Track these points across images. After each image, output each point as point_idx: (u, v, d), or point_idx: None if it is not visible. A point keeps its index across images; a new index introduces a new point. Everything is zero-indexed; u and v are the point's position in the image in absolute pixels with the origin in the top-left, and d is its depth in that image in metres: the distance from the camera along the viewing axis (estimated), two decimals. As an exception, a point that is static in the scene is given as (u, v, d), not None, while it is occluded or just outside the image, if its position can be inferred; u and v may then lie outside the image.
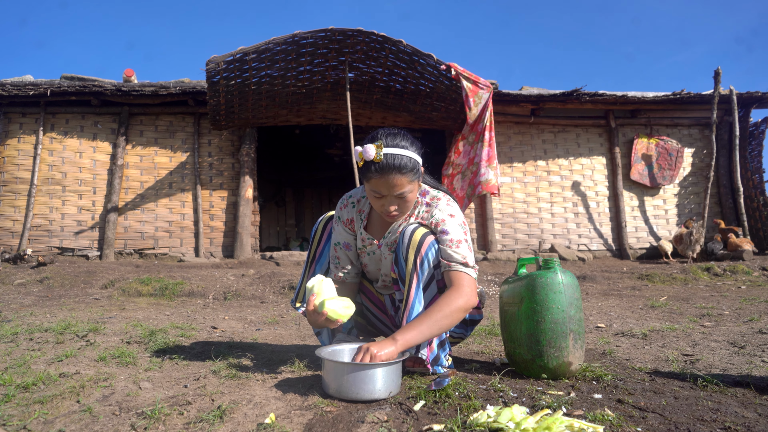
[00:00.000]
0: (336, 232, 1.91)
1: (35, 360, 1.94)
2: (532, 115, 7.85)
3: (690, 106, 8.12)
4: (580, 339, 1.66)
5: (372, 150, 1.58)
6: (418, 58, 5.88)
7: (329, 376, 1.47)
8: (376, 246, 1.86)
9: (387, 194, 1.63)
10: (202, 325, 3.01)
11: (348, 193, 1.95)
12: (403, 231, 1.74)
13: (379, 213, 1.74)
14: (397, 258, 1.72)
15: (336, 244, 1.90)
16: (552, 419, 1.19)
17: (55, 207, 6.79)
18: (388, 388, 1.44)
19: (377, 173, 1.59)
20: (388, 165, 1.58)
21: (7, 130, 6.88)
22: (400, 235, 1.73)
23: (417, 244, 1.67)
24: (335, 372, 1.46)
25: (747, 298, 3.94)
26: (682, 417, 1.31)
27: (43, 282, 4.80)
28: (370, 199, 1.70)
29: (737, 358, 2.03)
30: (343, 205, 1.90)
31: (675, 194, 8.20)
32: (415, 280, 1.66)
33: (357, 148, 1.62)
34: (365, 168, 1.62)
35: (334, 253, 1.91)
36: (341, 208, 1.90)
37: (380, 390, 1.42)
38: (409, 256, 1.67)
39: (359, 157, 1.61)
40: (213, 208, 7.13)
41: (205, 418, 1.31)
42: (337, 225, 1.90)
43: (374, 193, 1.65)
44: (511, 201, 7.78)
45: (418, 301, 1.66)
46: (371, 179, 1.62)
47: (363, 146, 1.61)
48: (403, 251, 1.69)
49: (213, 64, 5.47)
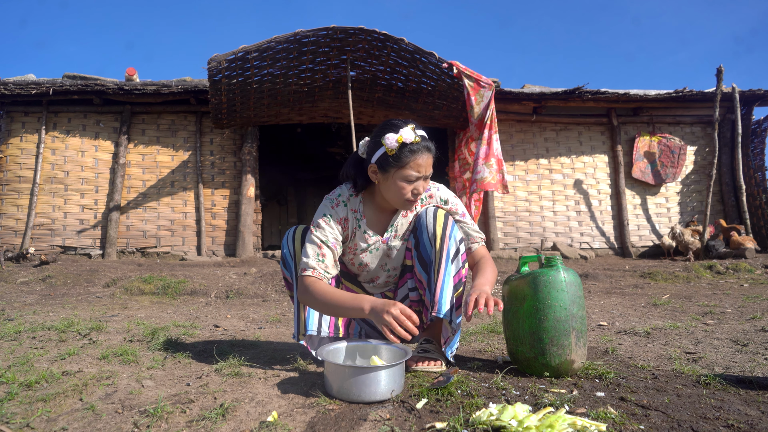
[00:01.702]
0: (323, 231, 1.78)
1: (38, 358, 1.95)
2: (534, 114, 7.84)
3: (692, 104, 8.10)
4: (582, 337, 1.66)
5: (410, 132, 1.68)
6: (419, 57, 5.87)
7: (332, 377, 1.47)
8: (381, 242, 1.87)
9: (420, 175, 1.71)
10: (204, 324, 3.02)
11: (331, 193, 1.87)
12: (420, 215, 1.82)
13: (399, 203, 1.77)
14: (419, 241, 1.79)
15: (323, 243, 1.76)
16: (555, 417, 1.18)
17: (58, 206, 6.80)
18: (390, 388, 1.44)
19: (417, 154, 1.68)
20: (425, 146, 1.70)
21: (9, 129, 6.90)
22: (418, 219, 1.81)
23: (443, 223, 1.77)
24: (338, 374, 1.46)
25: (749, 296, 3.93)
26: (684, 415, 1.31)
27: (45, 280, 4.81)
28: (397, 187, 1.72)
29: (740, 356, 2.02)
30: (335, 204, 1.84)
31: (677, 192, 8.18)
32: (444, 255, 1.75)
33: (390, 135, 1.67)
34: (401, 152, 1.68)
35: (318, 251, 1.76)
36: (334, 206, 1.83)
37: (383, 391, 1.42)
38: (437, 233, 1.76)
39: (397, 141, 1.66)
40: (215, 206, 7.13)
41: (208, 416, 1.31)
42: (327, 225, 1.79)
43: (409, 177, 1.70)
44: (513, 199, 7.77)
45: (448, 273, 1.74)
46: (409, 162, 1.68)
47: (397, 132, 1.68)
48: (429, 232, 1.77)
49: (215, 62, 5.47)
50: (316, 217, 1.82)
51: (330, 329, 1.89)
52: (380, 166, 1.72)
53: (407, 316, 1.50)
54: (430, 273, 1.76)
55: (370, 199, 1.88)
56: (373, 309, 1.55)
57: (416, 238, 1.81)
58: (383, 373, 1.42)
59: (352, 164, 1.87)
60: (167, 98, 7.01)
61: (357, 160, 1.87)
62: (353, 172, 1.86)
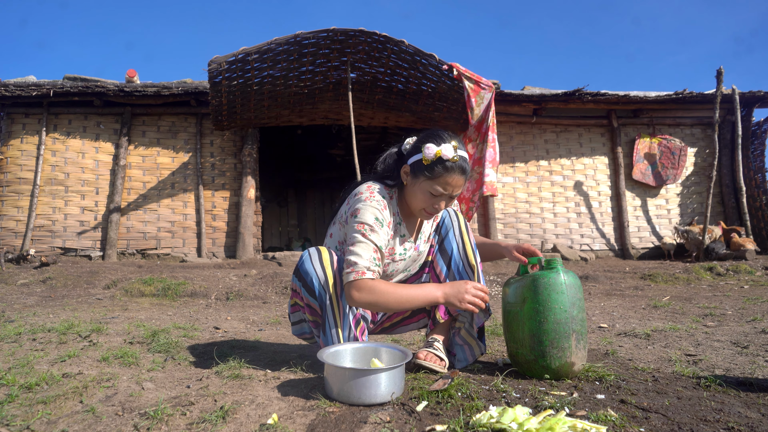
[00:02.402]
0: (378, 236, 1.68)
1: (38, 360, 1.95)
2: (534, 115, 7.84)
3: (692, 105, 8.10)
4: (582, 339, 1.66)
5: (450, 150, 1.67)
6: (420, 59, 5.88)
7: (332, 379, 1.47)
8: (414, 249, 1.89)
9: (446, 193, 1.72)
10: (204, 326, 3.02)
11: (371, 193, 1.75)
12: (444, 216, 1.94)
13: (417, 210, 1.78)
14: (445, 239, 1.90)
15: (378, 247, 1.68)
16: (555, 420, 1.18)
17: (58, 207, 6.80)
18: (390, 391, 1.44)
19: (448, 172, 1.68)
20: (460, 166, 1.70)
21: (10, 130, 6.90)
22: (443, 220, 1.94)
23: (465, 221, 1.93)
24: (338, 376, 1.45)
25: (750, 298, 3.93)
26: (685, 417, 1.31)
27: (46, 282, 4.81)
28: (421, 196, 1.73)
29: (740, 358, 2.02)
30: (383, 206, 1.73)
31: (677, 194, 8.19)
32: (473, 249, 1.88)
33: (431, 146, 1.68)
34: (435, 165, 1.68)
35: (374, 255, 1.67)
36: (383, 209, 1.72)
37: (383, 394, 1.42)
38: (463, 230, 1.90)
39: (434, 154, 1.67)
40: (215, 208, 7.14)
41: (208, 418, 1.31)
42: (380, 229, 1.69)
43: (434, 191, 1.70)
44: (514, 201, 7.77)
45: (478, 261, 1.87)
46: (439, 177, 1.69)
47: (439, 144, 1.68)
48: (456, 230, 1.90)
49: (215, 64, 5.48)
50: (366, 219, 1.68)
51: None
52: (413, 170, 1.74)
53: (480, 290, 1.67)
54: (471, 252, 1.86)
55: (402, 204, 1.85)
56: (448, 295, 1.65)
57: (440, 235, 1.91)
58: (383, 376, 1.42)
59: (394, 157, 1.88)
60: (168, 100, 7.01)
61: (398, 154, 1.86)
62: (392, 165, 1.85)
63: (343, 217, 1.79)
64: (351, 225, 1.71)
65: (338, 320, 1.72)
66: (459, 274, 1.85)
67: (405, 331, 2.06)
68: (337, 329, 1.72)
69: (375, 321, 2.00)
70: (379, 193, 1.76)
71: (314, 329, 1.79)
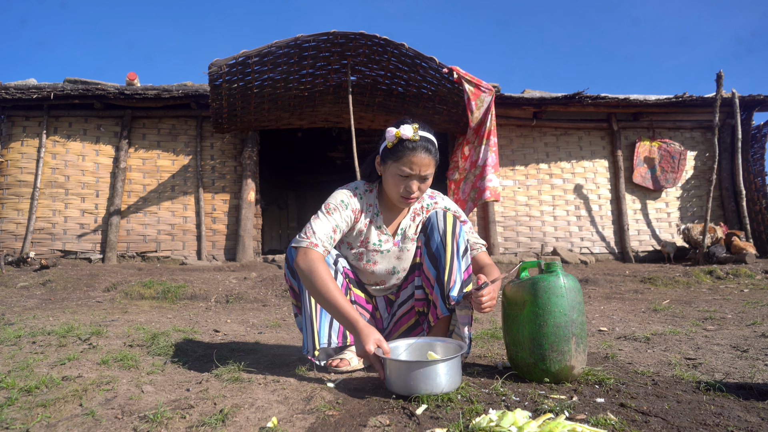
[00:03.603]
0: (339, 215, 1.81)
1: (38, 363, 1.95)
2: (534, 118, 7.85)
3: (692, 109, 8.11)
4: (582, 343, 1.66)
5: (410, 129, 1.74)
6: (420, 62, 5.89)
7: (393, 374, 1.52)
8: (392, 244, 1.92)
9: (414, 173, 1.76)
10: (204, 329, 3.02)
11: (347, 186, 1.92)
12: (430, 216, 1.90)
13: (395, 198, 1.82)
14: (429, 238, 1.87)
15: (336, 227, 1.80)
16: (554, 423, 1.18)
17: (58, 210, 6.81)
18: (448, 381, 1.49)
19: (412, 151, 1.74)
20: (422, 144, 1.75)
21: (10, 133, 6.91)
22: (428, 220, 1.90)
23: (452, 223, 1.86)
24: (400, 370, 1.50)
25: (750, 302, 3.93)
26: (684, 421, 1.31)
27: (45, 285, 4.81)
28: (392, 181, 1.79)
29: (740, 362, 2.02)
30: (352, 194, 1.88)
31: (677, 197, 8.19)
32: (455, 250, 1.84)
33: (391, 129, 1.77)
34: (398, 146, 1.75)
35: (331, 233, 1.78)
36: (351, 196, 1.87)
37: (442, 384, 1.47)
38: (447, 231, 1.85)
39: (395, 136, 1.75)
40: (215, 211, 7.14)
41: (208, 421, 1.31)
42: (343, 210, 1.82)
43: (401, 172, 1.76)
44: (514, 204, 7.78)
45: (459, 268, 1.83)
46: (403, 157, 1.74)
47: (398, 126, 1.76)
48: (439, 230, 1.85)
49: (215, 67, 5.49)
50: (332, 201, 1.84)
51: (339, 339, 1.84)
52: (382, 157, 1.83)
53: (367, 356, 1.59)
54: (440, 268, 1.82)
55: (382, 197, 1.94)
56: (356, 340, 1.63)
57: (426, 236, 1.89)
58: (441, 367, 1.47)
59: (371, 159, 1.95)
60: (168, 103, 7.02)
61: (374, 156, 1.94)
62: (370, 162, 1.94)
63: None
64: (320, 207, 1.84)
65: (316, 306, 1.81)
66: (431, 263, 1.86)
67: None
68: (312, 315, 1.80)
69: (379, 329, 2.01)
70: (354, 185, 1.92)
71: (296, 314, 1.92)
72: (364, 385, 1.64)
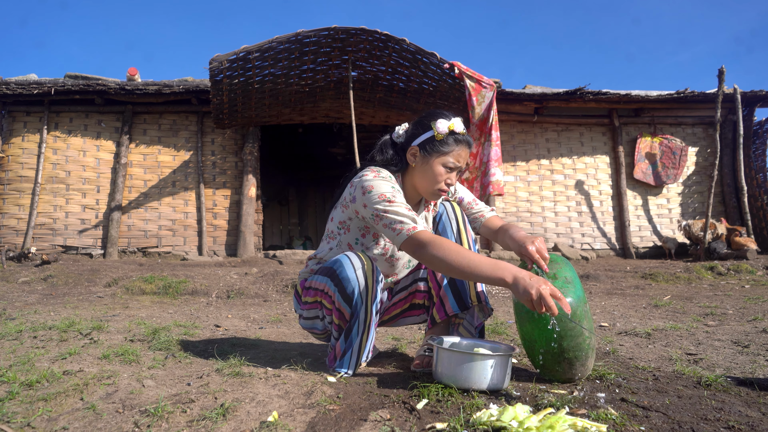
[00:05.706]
0: (400, 196, 1.69)
1: (39, 358, 1.95)
2: (535, 114, 7.84)
3: (694, 104, 8.09)
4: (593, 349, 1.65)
5: (460, 124, 1.78)
6: (421, 57, 5.88)
7: (444, 363, 1.53)
8: None
9: (459, 166, 1.78)
10: (205, 324, 3.02)
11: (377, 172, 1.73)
12: (440, 210, 1.93)
13: (429, 190, 1.78)
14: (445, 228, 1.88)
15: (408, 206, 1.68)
16: (555, 418, 1.18)
17: (59, 205, 6.81)
18: (499, 378, 1.49)
19: (459, 145, 1.76)
20: (467, 139, 1.79)
21: (11, 128, 6.91)
22: (443, 209, 1.92)
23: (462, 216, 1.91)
24: (451, 360, 1.51)
25: (751, 298, 3.93)
26: (685, 416, 1.31)
27: (47, 280, 4.82)
28: (434, 171, 1.75)
29: (741, 358, 2.02)
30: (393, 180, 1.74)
31: (678, 193, 8.18)
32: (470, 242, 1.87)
33: (443, 121, 1.76)
34: (448, 139, 1.75)
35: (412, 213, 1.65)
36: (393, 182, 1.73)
37: (493, 380, 1.48)
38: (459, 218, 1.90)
39: (448, 128, 1.74)
40: (216, 206, 7.14)
41: (208, 416, 1.31)
42: (400, 195, 1.69)
43: (447, 165, 1.75)
44: (515, 200, 7.77)
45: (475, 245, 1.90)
46: (452, 150, 1.75)
47: (449, 119, 1.77)
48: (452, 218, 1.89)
49: (216, 62, 5.48)
50: (383, 189, 1.65)
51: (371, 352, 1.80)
52: (423, 149, 1.76)
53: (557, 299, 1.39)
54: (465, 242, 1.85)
55: (404, 187, 1.85)
56: (519, 280, 1.41)
57: (444, 222, 1.90)
58: (492, 362, 1.48)
59: (390, 146, 1.86)
60: (169, 98, 7.02)
61: (391, 143, 1.86)
62: (392, 152, 1.83)
63: (346, 200, 1.77)
64: (369, 200, 1.65)
65: (367, 329, 1.70)
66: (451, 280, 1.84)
67: (404, 324, 2.05)
68: (361, 338, 1.70)
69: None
70: (384, 175, 1.74)
71: (334, 331, 1.75)
72: (364, 380, 1.64)
